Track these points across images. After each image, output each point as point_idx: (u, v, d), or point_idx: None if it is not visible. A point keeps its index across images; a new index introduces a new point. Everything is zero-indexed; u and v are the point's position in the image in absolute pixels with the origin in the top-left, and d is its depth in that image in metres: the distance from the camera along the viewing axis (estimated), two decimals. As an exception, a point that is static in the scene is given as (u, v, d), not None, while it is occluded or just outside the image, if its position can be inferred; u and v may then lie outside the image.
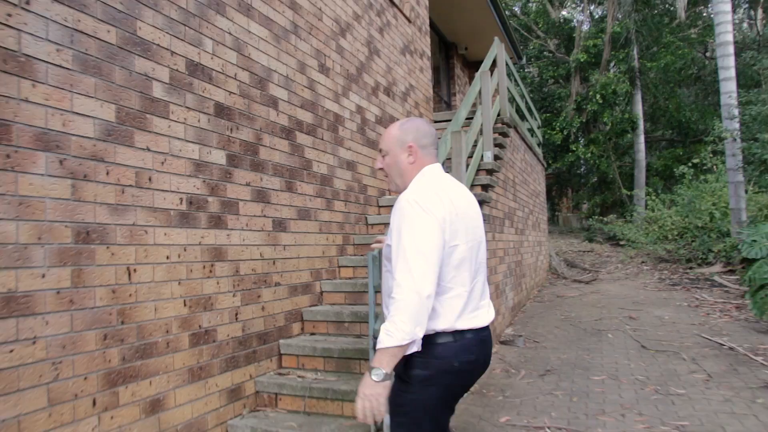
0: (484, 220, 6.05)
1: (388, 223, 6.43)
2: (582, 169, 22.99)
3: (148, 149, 3.24)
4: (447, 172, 2.41)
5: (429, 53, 8.94)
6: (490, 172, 6.81)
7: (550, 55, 22.79)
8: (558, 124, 19.62)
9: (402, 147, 2.34)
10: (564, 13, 25.13)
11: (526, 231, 10.18)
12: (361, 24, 6.32)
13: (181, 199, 3.47)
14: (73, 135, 2.79)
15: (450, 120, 8.86)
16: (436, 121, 8.89)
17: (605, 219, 17.61)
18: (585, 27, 21.61)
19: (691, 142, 21.16)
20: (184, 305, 3.46)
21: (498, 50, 8.32)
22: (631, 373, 5.39)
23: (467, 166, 5.70)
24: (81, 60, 2.85)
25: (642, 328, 7.41)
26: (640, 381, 5.11)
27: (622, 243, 16.76)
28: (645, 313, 8.44)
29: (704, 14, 23.21)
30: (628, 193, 19.48)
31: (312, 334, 4.74)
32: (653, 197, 15.52)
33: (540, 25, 22.30)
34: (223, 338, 3.79)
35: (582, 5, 22.73)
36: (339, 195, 5.48)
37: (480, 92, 7.03)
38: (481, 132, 6.88)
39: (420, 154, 2.31)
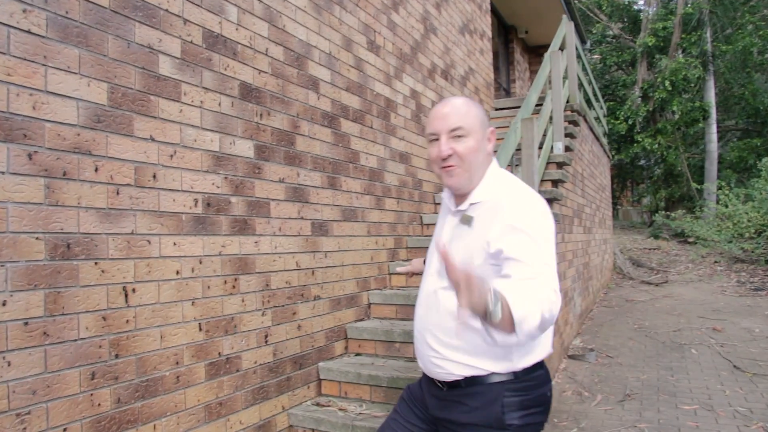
0: (555, 219, 5.28)
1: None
2: (646, 161, 21.67)
3: (153, 139, 2.61)
4: (517, 165, 1.86)
5: (489, 34, 8.14)
6: (560, 165, 6.02)
7: (614, 39, 21.49)
8: (622, 113, 18.38)
9: (485, 131, 1.77)
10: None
11: (593, 229, 9.32)
12: (416, -2, 5.59)
13: (196, 201, 2.83)
14: (48, 121, 2.17)
15: (512, 108, 8.10)
16: (497, 109, 8.10)
17: (672, 214, 16.46)
18: (652, 9, 20.20)
19: (769, 131, 19.60)
20: (200, 330, 2.83)
21: (567, 29, 7.50)
22: (728, 402, 4.55)
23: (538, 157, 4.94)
24: (60, 26, 2.23)
25: (730, 342, 6.51)
26: (741, 415, 4.28)
27: (690, 240, 15.63)
28: (730, 323, 7.50)
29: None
30: (698, 186, 18.16)
31: (357, 354, 4.07)
32: (726, 191, 14.34)
33: (604, 8, 20.99)
34: (249, 366, 3.16)
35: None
36: (390, 192, 4.78)
37: (550, 75, 6.24)
38: (550, 120, 6.08)
39: None
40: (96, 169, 2.34)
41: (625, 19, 21.74)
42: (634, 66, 20.08)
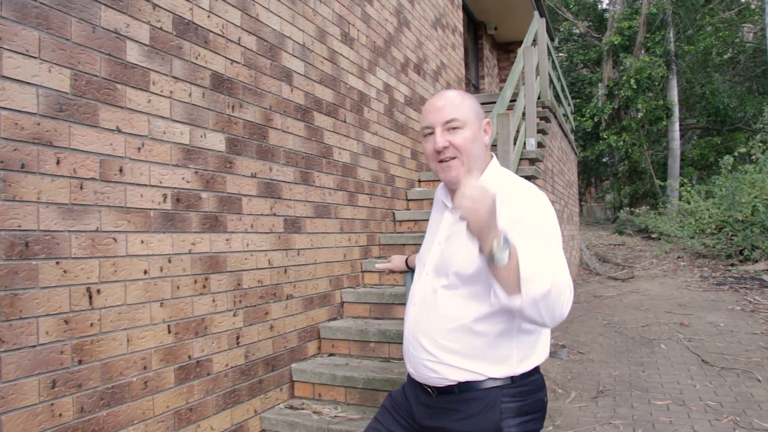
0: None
1: (418, 220, 5.68)
2: (610, 158, 21.94)
3: (119, 130, 2.45)
4: None
5: (461, 29, 8.07)
6: (533, 161, 5.99)
7: (580, 37, 21.68)
8: (588, 110, 18.57)
9: (481, 122, 1.69)
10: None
11: (562, 225, 9.35)
12: (390, -10, 5.48)
13: (165, 196, 2.68)
14: (4, 109, 2.00)
15: (484, 103, 8.04)
16: (468, 104, 8.02)
17: (636, 210, 16.70)
18: (617, 8, 20.42)
19: (728, 130, 19.98)
20: (168, 332, 2.68)
21: (538, 26, 7.48)
22: (698, 397, 4.56)
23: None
24: (16, 4, 2.05)
25: (697, 337, 6.57)
26: (712, 408, 4.29)
27: (654, 236, 15.88)
28: (696, 318, 7.59)
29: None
30: (661, 183, 18.45)
31: (331, 354, 3.96)
32: (688, 188, 14.57)
33: (571, 6, 21.16)
34: (221, 369, 3.02)
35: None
36: (363, 187, 4.66)
37: (523, 71, 6.19)
38: (523, 116, 6.03)
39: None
40: (58, 162, 2.17)
41: (591, 18, 21.96)
42: (600, 64, 20.29)
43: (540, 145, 6.44)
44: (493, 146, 4.50)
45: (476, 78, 12.31)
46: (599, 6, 22.85)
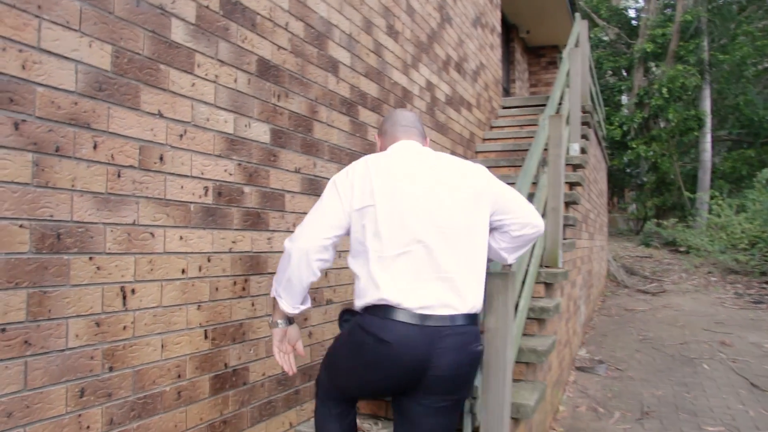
0: (571, 224, 4.97)
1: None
2: (633, 168, 21.47)
3: (161, 115, 2.23)
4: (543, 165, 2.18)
5: (499, 29, 7.81)
6: (576, 167, 5.72)
7: (610, 44, 21.28)
8: (617, 118, 18.17)
9: None
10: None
11: (596, 235, 9.07)
12: (434, -17, 5.24)
13: (207, 189, 2.46)
14: (40, 85, 1.78)
15: (519, 107, 7.79)
16: (504, 107, 7.77)
17: (664, 223, 16.30)
18: (649, 14, 19.98)
19: (762, 143, 19.47)
20: (205, 337, 2.45)
21: (581, 28, 7.20)
22: (754, 424, 4.27)
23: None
24: (58, -30, 1.85)
25: (741, 358, 6.26)
26: (771, 439, 4.00)
27: (682, 250, 15.47)
28: (737, 337, 7.26)
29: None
30: (691, 195, 18.01)
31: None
32: (719, 201, 14.16)
33: (601, 12, 20.77)
34: (257, 378, 2.79)
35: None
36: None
37: (568, 73, 5.92)
38: (567, 120, 5.77)
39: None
40: (95, 146, 1.96)
41: (622, 24, 21.55)
42: (630, 72, 19.88)
43: (583, 150, 6.17)
44: (545, 150, 4.25)
45: (507, 81, 12.05)
46: (627, 13, 22.43)
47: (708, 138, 18.14)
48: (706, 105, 18.21)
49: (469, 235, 1.95)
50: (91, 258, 1.95)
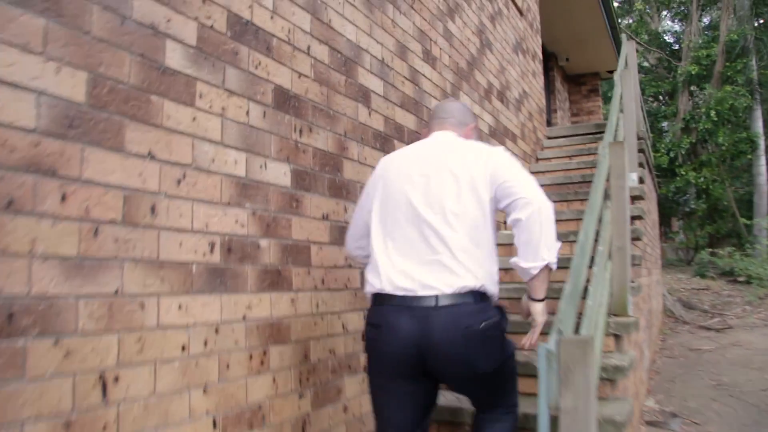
0: (636, 263, 4.41)
1: (512, 244, 4.93)
2: (681, 196, 20.64)
3: (153, 156, 1.81)
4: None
5: (540, 55, 7.37)
6: (635, 198, 5.17)
7: (651, 69, 20.68)
8: (663, 145, 17.46)
9: None
10: (667, 23, 23.04)
11: (653, 270, 8.41)
12: (471, 7, 4.83)
13: (213, 245, 2.02)
14: (-16, 122, 1.39)
15: (565, 136, 7.31)
16: (549, 137, 7.28)
17: (720, 252, 15.45)
18: (692, 35, 19.39)
19: (821, 163, 18.49)
20: (214, 427, 1.99)
21: (629, 50, 6.72)
22: None
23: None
24: (12, -21, 1.46)
25: (838, 405, 5.52)
26: None
27: (741, 280, 14.58)
28: (827, 383, 6.49)
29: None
30: (747, 222, 17.08)
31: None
32: (779, 226, 13.38)
33: (642, 37, 20.23)
34: (282, 469, 2.31)
35: (688, 13, 20.48)
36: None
37: (621, 97, 5.43)
38: (623, 147, 5.25)
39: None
40: (63, 197, 1.54)
41: (663, 48, 20.97)
42: (673, 96, 19.21)
43: (641, 180, 5.63)
44: (606, 181, 3.75)
45: (548, 111, 11.60)
46: (664, 37, 21.85)
47: (762, 161, 17.25)
48: (758, 126, 17.40)
49: (460, 217, 1.98)
50: (57, 342, 1.51)
